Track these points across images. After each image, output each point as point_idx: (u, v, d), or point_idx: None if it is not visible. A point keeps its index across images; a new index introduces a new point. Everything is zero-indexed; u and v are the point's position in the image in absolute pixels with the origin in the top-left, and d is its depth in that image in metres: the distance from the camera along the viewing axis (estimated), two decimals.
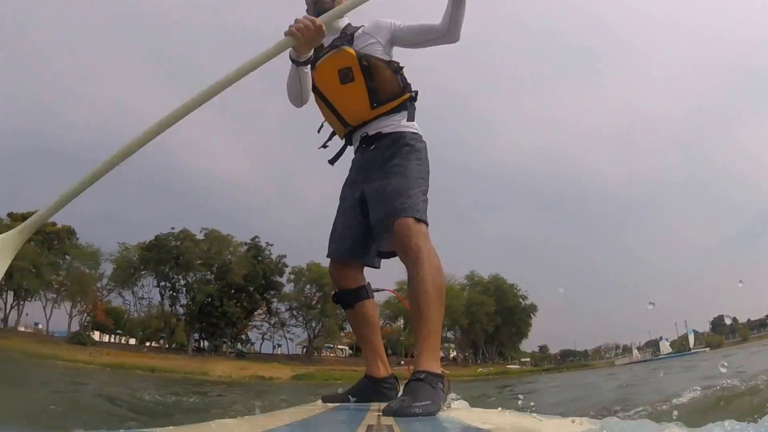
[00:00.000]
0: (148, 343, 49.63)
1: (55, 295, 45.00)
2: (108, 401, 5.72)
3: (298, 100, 2.11)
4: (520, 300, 57.25)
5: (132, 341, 52.54)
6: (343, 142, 2.36)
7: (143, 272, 44.83)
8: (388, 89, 2.11)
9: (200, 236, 45.77)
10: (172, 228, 45.17)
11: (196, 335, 46.67)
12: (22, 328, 46.21)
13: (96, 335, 48.77)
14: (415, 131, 2.15)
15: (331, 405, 2.11)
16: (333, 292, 2.33)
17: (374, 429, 1.08)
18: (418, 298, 1.80)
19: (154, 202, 77.17)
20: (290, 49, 1.86)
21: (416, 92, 2.20)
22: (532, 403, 4.37)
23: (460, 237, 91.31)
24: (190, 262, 43.55)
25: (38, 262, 41.79)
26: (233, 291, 44.73)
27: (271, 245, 49.12)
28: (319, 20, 1.77)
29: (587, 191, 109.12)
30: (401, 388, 1.81)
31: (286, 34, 1.76)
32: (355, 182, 2.19)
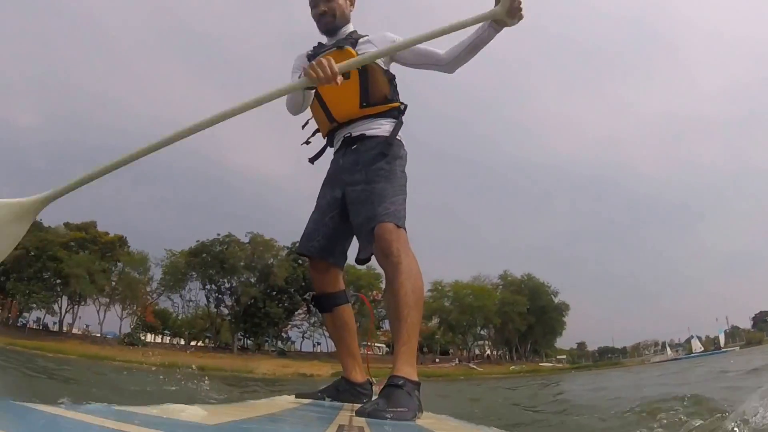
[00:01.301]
0: (193, 343, 54.25)
1: (107, 299, 49.79)
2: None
3: (296, 111, 2.16)
4: (552, 297, 58.55)
5: (177, 341, 56.94)
6: (324, 141, 2.44)
7: (191, 276, 49.20)
8: (380, 93, 2.19)
9: (245, 240, 49.78)
10: (218, 234, 49.45)
11: (240, 335, 50.72)
12: (76, 330, 51.54)
13: (146, 336, 53.30)
14: (400, 139, 2.23)
15: (304, 401, 2.15)
16: (312, 295, 2.40)
17: (345, 428, 1.14)
18: (397, 302, 1.84)
19: (200, 207, 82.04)
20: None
21: (405, 105, 2.29)
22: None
23: (494, 236, 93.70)
24: (235, 266, 47.57)
25: (92, 269, 46.78)
26: (275, 293, 48.53)
27: None
28: (336, 68, 1.76)
29: (627, 186, 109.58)
30: (377, 392, 1.85)
31: (303, 74, 1.84)
32: (335, 182, 2.25)
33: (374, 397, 2.03)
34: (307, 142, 2.47)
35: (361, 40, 2.26)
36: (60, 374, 9.71)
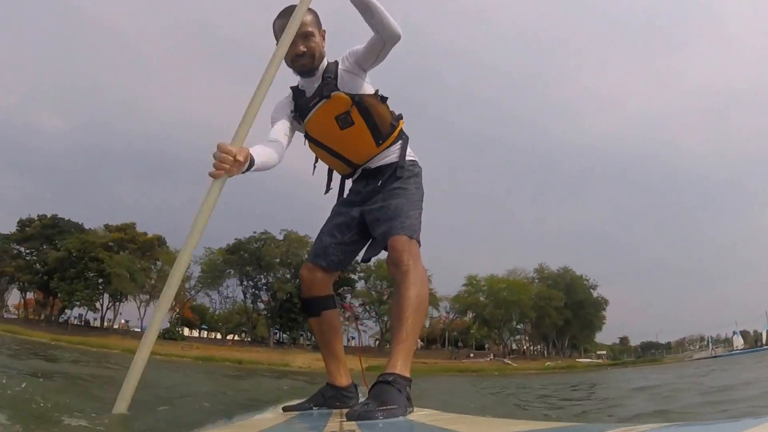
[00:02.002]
0: (230, 337, 56.48)
1: (147, 296, 52.46)
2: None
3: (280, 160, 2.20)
4: (591, 291, 58.21)
5: (215, 335, 59.47)
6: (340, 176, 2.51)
7: (229, 273, 51.44)
8: (386, 123, 2.25)
9: (280, 237, 51.79)
10: (254, 232, 51.48)
11: (276, 329, 52.65)
12: (116, 326, 54.65)
13: (184, 331, 56.05)
14: (413, 158, 2.35)
15: (292, 414, 2.18)
16: (301, 298, 2.45)
17: None
18: (401, 305, 1.92)
19: (237, 205, 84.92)
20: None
21: (401, 115, 2.37)
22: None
23: (532, 224, 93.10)
24: (271, 262, 49.50)
25: (132, 268, 49.46)
26: None
27: None
28: (230, 150, 1.85)
29: (673, 165, 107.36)
30: (367, 391, 1.86)
31: (211, 175, 1.88)
32: (354, 204, 2.35)
33: (363, 398, 2.05)
34: (329, 189, 2.55)
35: (338, 73, 2.24)
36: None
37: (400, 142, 2.32)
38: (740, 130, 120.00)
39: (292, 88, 2.38)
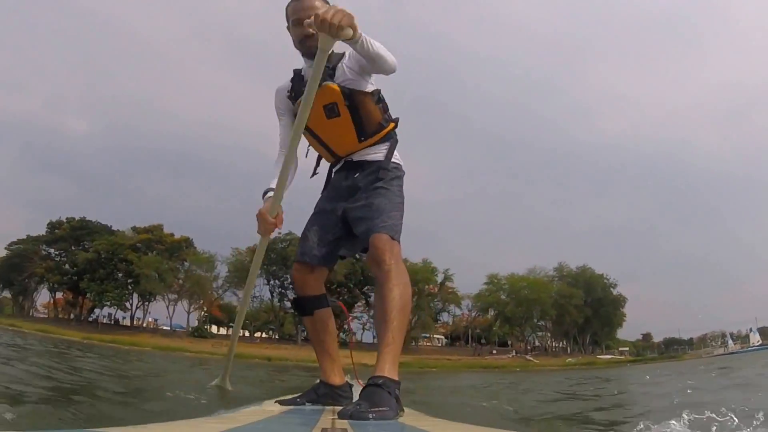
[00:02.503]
0: (257, 334, 58.34)
1: (175, 296, 54.63)
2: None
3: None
4: (610, 290, 59.07)
5: (242, 333, 61.23)
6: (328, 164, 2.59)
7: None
8: (374, 122, 2.32)
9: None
10: (279, 231, 52.72)
11: (303, 328, 53.97)
12: (145, 324, 56.87)
13: (211, 328, 57.98)
14: (398, 161, 2.40)
15: (285, 408, 2.21)
16: (292, 298, 2.51)
17: (328, 431, 1.18)
18: (385, 306, 1.96)
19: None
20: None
21: (397, 119, 2.43)
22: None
23: (553, 223, 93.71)
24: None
25: (161, 269, 51.55)
26: (335, 287, 51.62)
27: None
28: (278, 221, 2.27)
29: (695, 175, 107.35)
30: (358, 393, 1.90)
31: (259, 233, 2.35)
32: (336, 200, 2.40)
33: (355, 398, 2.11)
34: (315, 173, 2.64)
35: (338, 66, 2.32)
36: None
37: (387, 143, 2.40)
38: (763, 128, 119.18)
39: (294, 71, 2.48)
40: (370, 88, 2.33)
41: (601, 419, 4.22)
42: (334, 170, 2.53)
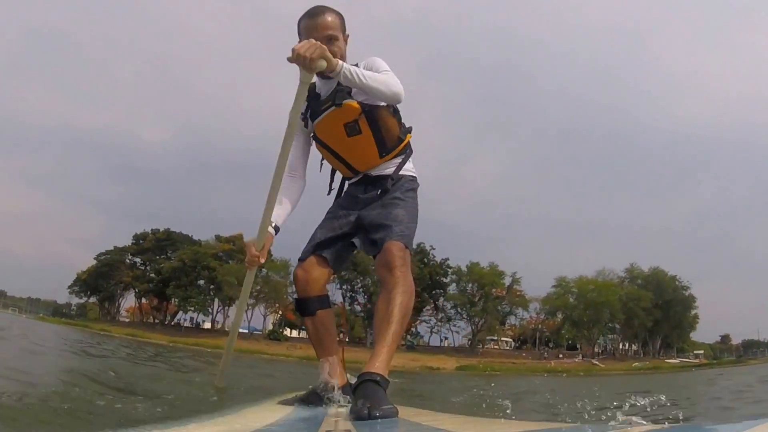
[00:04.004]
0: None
1: (253, 300, 59.53)
2: None
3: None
4: (682, 292, 58.88)
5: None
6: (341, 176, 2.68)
7: None
8: (393, 136, 2.42)
9: None
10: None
11: (372, 331, 58.18)
12: (225, 328, 61.87)
13: (284, 331, 62.60)
14: (413, 174, 2.52)
15: (288, 408, 2.24)
16: (295, 298, 2.56)
17: None
18: (390, 310, 2.05)
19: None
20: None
21: (410, 128, 2.54)
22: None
23: (627, 220, 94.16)
24: (366, 267, 55.20)
25: (240, 276, 56.46)
26: None
27: (434, 249, 59.65)
28: (261, 255, 2.37)
29: None
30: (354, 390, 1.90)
31: (247, 266, 2.42)
32: (350, 207, 2.49)
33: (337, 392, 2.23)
34: (331, 190, 2.74)
35: None
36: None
37: (403, 156, 2.49)
38: None
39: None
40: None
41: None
42: (348, 182, 2.63)
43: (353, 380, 2.07)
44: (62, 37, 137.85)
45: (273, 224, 2.41)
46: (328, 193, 2.74)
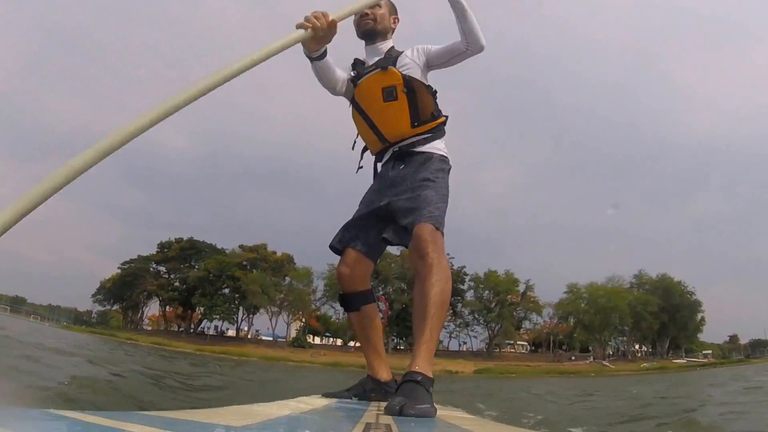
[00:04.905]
0: (351, 344, 66.22)
1: (277, 309, 62.67)
2: None
3: (331, 90, 2.51)
4: (688, 296, 61.02)
5: (335, 341, 69.07)
6: (373, 157, 2.64)
7: None
8: (428, 111, 2.43)
9: (396, 253, 59.21)
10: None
11: (394, 336, 60.93)
12: (249, 336, 65.05)
13: (307, 338, 64.89)
14: (445, 154, 2.48)
15: (331, 400, 2.29)
16: (339, 294, 2.57)
17: (372, 427, 1.22)
18: (426, 301, 2.01)
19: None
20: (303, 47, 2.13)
21: (447, 117, 2.54)
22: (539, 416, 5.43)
23: (636, 228, 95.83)
24: (388, 276, 58.28)
25: (265, 285, 59.81)
26: None
27: (452, 258, 62.52)
28: (331, 16, 2.00)
29: None
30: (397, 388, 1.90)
31: (297, 26, 1.97)
32: (383, 192, 2.45)
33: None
34: (360, 167, 2.71)
35: (400, 57, 2.47)
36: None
37: (437, 134, 2.49)
38: None
39: (355, 59, 2.61)
40: (426, 83, 2.47)
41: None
42: (380, 164, 2.61)
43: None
44: (80, 41, 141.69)
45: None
46: (357, 171, 2.73)
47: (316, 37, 2.05)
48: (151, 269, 69.18)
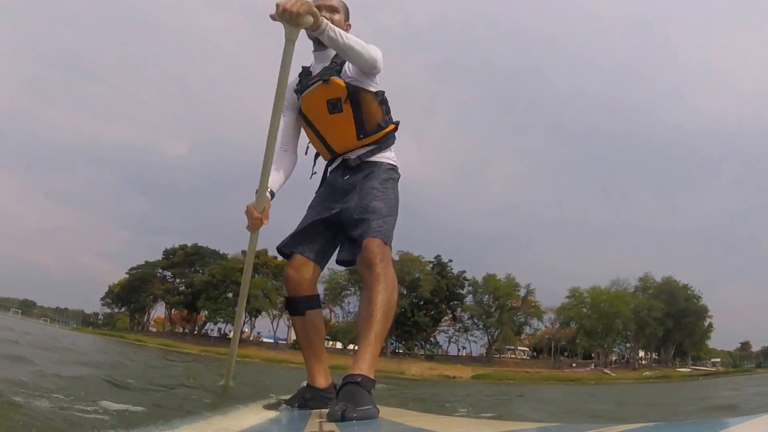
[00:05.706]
0: (350, 347, 67.27)
1: (278, 312, 63.66)
2: None
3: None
4: (694, 301, 59.55)
5: (334, 344, 69.05)
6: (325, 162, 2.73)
7: (350, 290, 61.69)
8: (374, 121, 2.47)
9: (396, 257, 59.53)
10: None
11: (393, 340, 61.29)
12: (251, 338, 66.58)
13: None
14: (394, 163, 2.55)
15: (272, 413, 2.30)
16: (286, 297, 2.59)
17: None
18: (372, 308, 2.09)
19: None
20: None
21: (398, 122, 2.57)
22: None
23: (645, 221, 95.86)
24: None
25: (266, 289, 61.24)
26: (422, 303, 58.54)
27: (451, 261, 62.84)
28: (264, 216, 2.35)
29: None
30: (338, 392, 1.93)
31: (247, 229, 2.37)
32: (332, 198, 2.54)
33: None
34: (314, 173, 2.78)
35: (347, 63, 2.47)
36: None
37: (385, 144, 2.55)
38: None
39: (303, 67, 2.64)
40: (374, 88, 2.49)
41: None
42: (329, 169, 2.68)
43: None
44: (83, 59, 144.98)
45: (269, 190, 2.41)
46: (310, 177, 2.78)
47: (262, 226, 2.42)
48: (158, 274, 71.10)
